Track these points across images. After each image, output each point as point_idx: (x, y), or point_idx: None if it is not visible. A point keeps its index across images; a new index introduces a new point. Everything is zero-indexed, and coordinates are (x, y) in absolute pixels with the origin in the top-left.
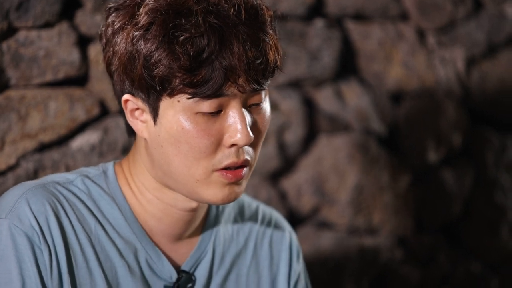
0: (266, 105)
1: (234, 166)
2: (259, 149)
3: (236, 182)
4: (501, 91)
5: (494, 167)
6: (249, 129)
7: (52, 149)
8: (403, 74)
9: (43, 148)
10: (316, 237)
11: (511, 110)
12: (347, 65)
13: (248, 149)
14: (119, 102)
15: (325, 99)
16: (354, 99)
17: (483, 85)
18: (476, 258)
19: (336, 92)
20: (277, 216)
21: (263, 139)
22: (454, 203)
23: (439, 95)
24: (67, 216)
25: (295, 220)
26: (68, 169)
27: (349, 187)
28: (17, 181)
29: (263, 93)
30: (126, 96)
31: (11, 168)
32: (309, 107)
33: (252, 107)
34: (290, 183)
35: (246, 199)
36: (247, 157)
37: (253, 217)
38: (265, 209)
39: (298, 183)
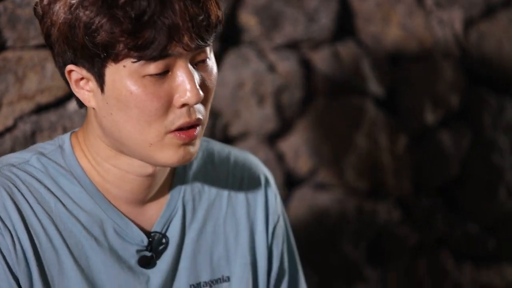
0: (212, 62)
1: (187, 126)
2: (210, 106)
3: (190, 142)
4: (499, 52)
5: (492, 129)
6: (198, 87)
7: (49, 110)
8: (401, 35)
9: (40, 109)
10: (313, 199)
11: (509, 71)
12: (345, 27)
13: (199, 107)
14: (62, 74)
15: (322, 60)
16: (351, 61)
17: (481, 46)
18: (474, 220)
19: (334, 53)
20: (252, 160)
21: (212, 96)
22: (452, 165)
23: (437, 57)
24: (25, 199)
25: (293, 182)
26: (65, 130)
27: (346, 148)
28: (14, 143)
29: (208, 49)
30: (69, 67)
31: (9, 129)
32: (307, 68)
33: (198, 64)
34: (287, 145)
35: (217, 147)
36: (199, 116)
37: (225, 164)
38: (237, 154)
39: (295, 145)
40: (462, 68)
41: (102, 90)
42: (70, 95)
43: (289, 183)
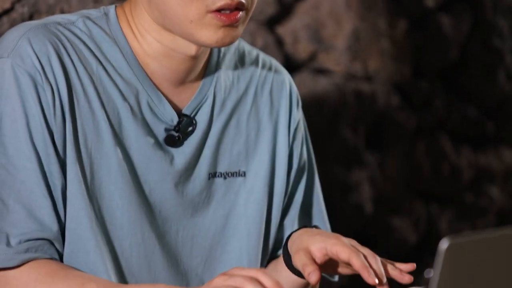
0: None
1: (229, 8)
2: None
3: (232, 25)
4: None
5: (492, 12)
6: None
7: None
8: None
9: None
10: (312, 83)
11: None
12: None
13: None
14: None
15: None
16: None
17: None
18: (473, 103)
19: None
20: (277, 64)
21: None
22: (451, 49)
23: None
24: (69, 56)
25: (292, 66)
26: (63, 13)
27: (345, 33)
28: (12, 25)
29: None
30: None
31: (6, 12)
32: None
33: None
34: (286, 30)
35: (247, 47)
36: (242, 0)
37: (254, 64)
38: (265, 57)
39: (294, 29)
40: None
41: None
42: None
43: (288, 68)
